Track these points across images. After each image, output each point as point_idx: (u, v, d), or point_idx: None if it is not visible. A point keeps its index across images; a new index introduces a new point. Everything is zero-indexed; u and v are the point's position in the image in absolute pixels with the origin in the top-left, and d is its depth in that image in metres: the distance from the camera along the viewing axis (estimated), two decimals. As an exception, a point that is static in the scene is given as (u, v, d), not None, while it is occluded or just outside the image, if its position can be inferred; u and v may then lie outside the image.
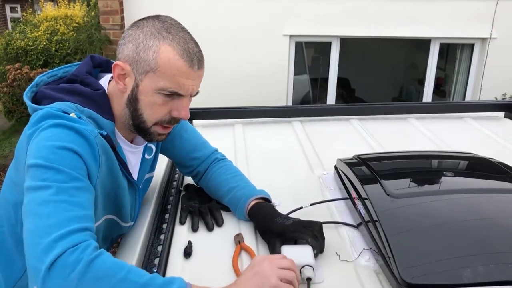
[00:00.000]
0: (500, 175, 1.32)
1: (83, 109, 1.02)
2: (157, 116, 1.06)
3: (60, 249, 0.80)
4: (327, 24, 5.01)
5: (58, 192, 0.87)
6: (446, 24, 4.98)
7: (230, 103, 2.38)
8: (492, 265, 0.95)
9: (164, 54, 1.00)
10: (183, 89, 1.03)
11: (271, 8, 4.93)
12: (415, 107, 2.21)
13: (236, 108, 2.05)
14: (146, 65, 1.01)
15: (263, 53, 5.00)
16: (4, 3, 12.86)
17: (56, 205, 0.86)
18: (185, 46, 1.02)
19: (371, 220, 1.10)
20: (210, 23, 4.77)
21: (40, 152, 0.91)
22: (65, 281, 0.78)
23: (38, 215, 0.85)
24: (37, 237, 0.82)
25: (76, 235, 0.83)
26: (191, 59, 1.02)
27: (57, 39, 5.63)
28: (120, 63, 1.03)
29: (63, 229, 0.83)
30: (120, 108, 1.08)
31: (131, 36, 1.04)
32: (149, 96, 1.03)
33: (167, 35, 1.02)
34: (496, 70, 5.03)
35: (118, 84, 1.06)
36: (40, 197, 0.87)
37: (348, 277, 1.01)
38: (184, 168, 1.40)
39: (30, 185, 0.90)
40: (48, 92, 1.05)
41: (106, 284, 0.79)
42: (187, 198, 1.34)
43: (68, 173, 0.90)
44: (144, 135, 1.11)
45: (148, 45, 1.01)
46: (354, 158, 1.45)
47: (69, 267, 0.79)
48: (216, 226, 1.23)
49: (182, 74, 1.02)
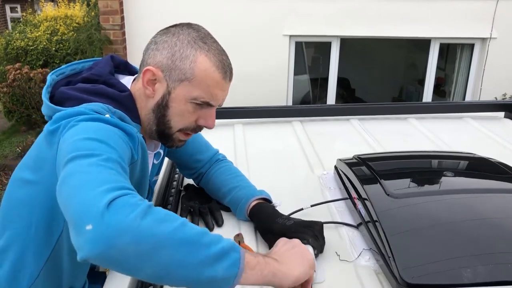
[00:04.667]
0: (500, 175, 1.32)
1: (114, 110, 0.98)
2: (185, 124, 1.07)
3: (118, 194, 0.73)
4: (327, 24, 5.01)
5: (106, 159, 0.80)
6: (446, 24, 4.98)
7: (230, 103, 2.38)
8: (492, 265, 0.95)
9: (201, 64, 1.01)
10: (214, 100, 1.05)
11: (271, 8, 4.93)
12: (415, 107, 2.21)
13: (236, 108, 2.05)
14: (182, 74, 1.01)
15: (263, 53, 5.00)
16: (4, 3, 12.86)
17: (105, 168, 0.78)
18: (220, 58, 1.03)
19: (371, 220, 1.10)
20: (210, 23, 4.74)
21: (87, 131, 0.85)
22: (126, 218, 0.71)
23: (86, 173, 0.77)
24: (89, 189, 0.73)
25: (129, 190, 0.77)
26: (225, 71, 1.04)
27: (57, 39, 5.64)
28: (153, 68, 1.02)
29: (116, 183, 0.76)
30: (144, 113, 1.07)
31: (166, 43, 1.03)
32: (181, 105, 1.04)
33: (203, 45, 1.02)
34: (496, 70, 5.03)
35: (146, 89, 1.04)
36: (87, 161, 0.79)
37: (348, 277, 1.01)
38: (187, 170, 1.39)
39: (73, 155, 0.80)
40: (70, 92, 1.01)
41: (167, 227, 0.74)
42: (187, 199, 1.34)
43: (113, 147, 0.84)
44: (166, 141, 1.11)
45: (186, 54, 1.01)
46: (354, 158, 1.45)
47: (129, 206, 0.72)
48: (216, 226, 1.23)
49: (216, 85, 1.03)
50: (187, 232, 0.76)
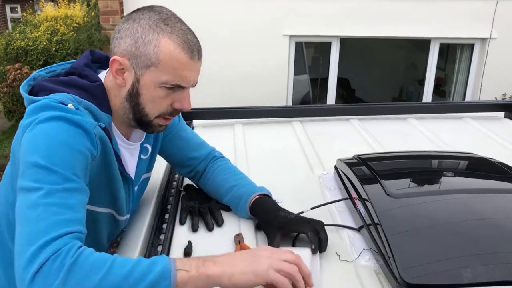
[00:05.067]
0: (500, 175, 1.32)
1: (81, 100, 1.00)
2: (160, 109, 1.06)
3: (44, 257, 0.79)
4: (327, 24, 5.01)
5: (48, 194, 0.86)
6: (446, 24, 4.98)
7: (230, 103, 2.38)
8: (492, 265, 0.95)
9: (165, 47, 0.99)
10: (185, 81, 1.03)
11: (271, 8, 4.93)
12: (415, 107, 2.21)
13: (236, 108, 2.05)
14: (147, 60, 1.00)
15: (263, 53, 5.00)
16: (4, 3, 12.86)
17: (45, 209, 0.85)
18: (185, 38, 1.01)
19: (371, 220, 1.10)
20: (210, 23, 4.77)
21: (35, 149, 0.89)
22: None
23: (27, 220, 0.84)
24: (24, 244, 0.82)
25: (61, 240, 0.82)
26: (191, 50, 1.02)
27: (57, 39, 5.64)
28: (118, 58, 1.02)
29: (50, 234, 0.82)
30: (118, 102, 1.07)
31: (127, 30, 1.02)
32: (151, 90, 1.03)
33: (166, 27, 1.00)
34: (496, 70, 5.03)
35: (116, 79, 1.04)
36: (30, 199, 0.86)
37: (348, 277, 1.01)
38: (183, 168, 1.39)
39: (22, 185, 0.89)
40: (45, 84, 1.04)
41: (92, 282, 0.78)
42: (187, 199, 1.34)
43: (61, 174, 0.88)
44: (146, 128, 1.11)
45: (148, 39, 0.99)
46: (354, 158, 1.45)
47: (52, 275, 0.78)
48: (216, 226, 1.23)
49: (184, 67, 1.01)
50: (113, 279, 0.80)
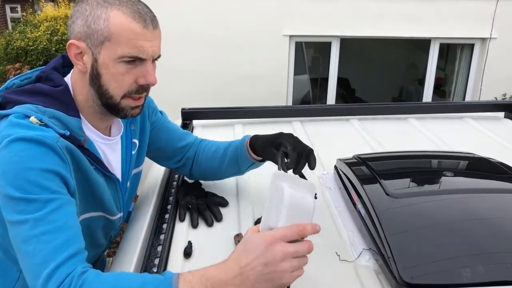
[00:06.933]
0: (500, 175, 1.32)
1: (45, 109, 0.98)
2: (124, 87, 1.02)
3: None
4: (327, 24, 5.01)
5: (35, 224, 0.87)
6: (446, 24, 4.97)
7: (230, 103, 2.38)
8: (492, 265, 0.95)
9: (114, 20, 0.97)
10: (143, 52, 0.99)
11: (271, 8, 4.93)
12: (415, 107, 2.21)
13: (236, 108, 2.05)
14: (100, 36, 0.97)
15: (263, 53, 5.00)
16: (4, 3, 12.87)
17: (38, 240, 0.86)
18: (135, 8, 0.99)
19: (370, 220, 1.10)
20: (210, 23, 4.77)
21: (6, 180, 0.89)
22: None
23: (25, 254, 0.87)
24: (31, 278, 0.86)
25: (62, 269, 0.84)
26: (144, 19, 0.99)
27: (57, 39, 5.65)
28: (74, 41, 1.00)
29: (49, 265, 0.84)
30: (85, 92, 1.05)
31: (78, 12, 1.00)
32: (110, 68, 1.00)
33: (114, 1, 0.98)
34: (496, 70, 5.03)
35: (77, 65, 1.02)
36: (21, 233, 0.87)
37: (348, 277, 1.01)
38: (172, 158, 1.37)
39: (7, 218, 0.90)
40: (10, 96, 1.02)
41: None
42: (183, 194, 1.34)
43: (39, 199, 0.88)
44: (117, 112, 1.07)
45: (97, 15, 0.97)
46: (354, 158, 1.45)
47: None
48: (216, 222, 1.23)
49: (138, 36, 0.98)
50: None
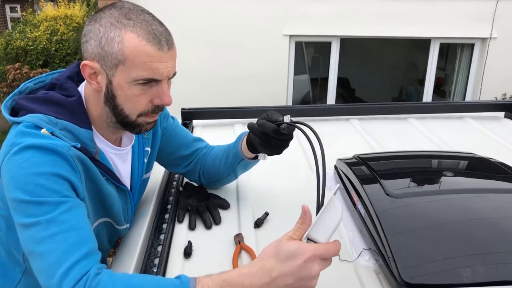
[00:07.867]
0: (500, 175, 1.32)
1: (57, 121, 0.98)
2: (139, 108, 1.02)
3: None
4: (327, 24, 5.02)
5: (48, 225, 0.87)
6: (446, 24, 4.98)
7: (230, 103, 2.38)
8: (492, 265, 0.95)
9: (128, 42, 0.95)
10: (158, 74, 0.98)
11: (271, 8, 4.94)
12: (415, 107, 2.21)
13: (236, 108, 2.05)
14: (114, 59, 0.96)
15: (263, 53, 5.01)
16: (4, 3, 12.86)
17: (51, 240, 0.87)
18: (149, 29, 0.96)
19: (370, 220, 1.10)
20: (210, 23, 4.77)
21: (15, 184, 0.89)
22: None
23: (39, 255, 0.87)
24: (44, 278, 0.87)
25: (77, 269, 0.84)
26: (158, 40, 0.96)
27: (57, 39, 5.65)
28: (88, 62, 0.99)
29: (64, 264, 0.85)
30: (99, 108, 1.04)
31: (91, 32, 0.98)
32: (125, 90, 0.99)
33: (128, 21, 0.96)
34: (496, 70, 5.03)
35: (91, 84, 1.01)
36: (34, 236, 0.88)
37: (348, 277, 1.01)
38: (181, 164, 1.37)
39: (18, 221, 0.90)
40: (23, 103, 1.02)
41: None
42: (184, 197, 1.34)
43: (50, 202, 0.88)
44: (132, 129, 1.07)
45: (111, 37, 0.95)
46: (354, 158, 1.45)
47: None
48: (214, 224, 1.23)
49: (153, 59, 0.96)
50: None
